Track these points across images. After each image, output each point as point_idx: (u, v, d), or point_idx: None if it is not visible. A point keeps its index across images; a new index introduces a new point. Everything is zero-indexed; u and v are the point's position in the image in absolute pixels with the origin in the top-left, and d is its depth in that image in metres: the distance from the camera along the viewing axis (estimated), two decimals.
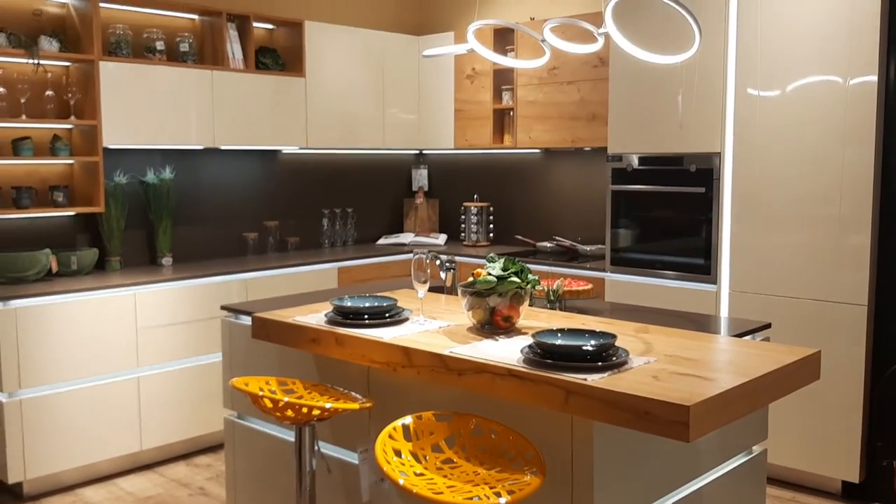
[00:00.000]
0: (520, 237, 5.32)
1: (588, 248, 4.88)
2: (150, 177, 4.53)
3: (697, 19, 2.55)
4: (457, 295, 3.31)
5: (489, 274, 2.55)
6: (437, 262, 3.24)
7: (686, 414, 1.80)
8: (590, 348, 2.14)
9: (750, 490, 2.81)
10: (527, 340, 2.41)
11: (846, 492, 3.68)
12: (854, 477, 3.60)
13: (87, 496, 3.81)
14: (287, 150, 5.18)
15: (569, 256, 4.90)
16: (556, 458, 2.18)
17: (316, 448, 2.55)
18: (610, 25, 2.65)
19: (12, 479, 3.70)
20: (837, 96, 3.57)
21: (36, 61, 3.94)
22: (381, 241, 5.69)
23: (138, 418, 4.05)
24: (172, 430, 4.18)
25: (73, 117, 4.13)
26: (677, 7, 2.50)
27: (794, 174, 3.70)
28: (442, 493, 1.95)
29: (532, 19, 5.08)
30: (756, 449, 2.84)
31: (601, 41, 2.75)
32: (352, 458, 2.80)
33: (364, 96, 5.30)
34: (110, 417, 3.96)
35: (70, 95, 4.12)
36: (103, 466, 4.01)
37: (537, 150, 5.35)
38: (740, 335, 2.72)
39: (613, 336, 2.23)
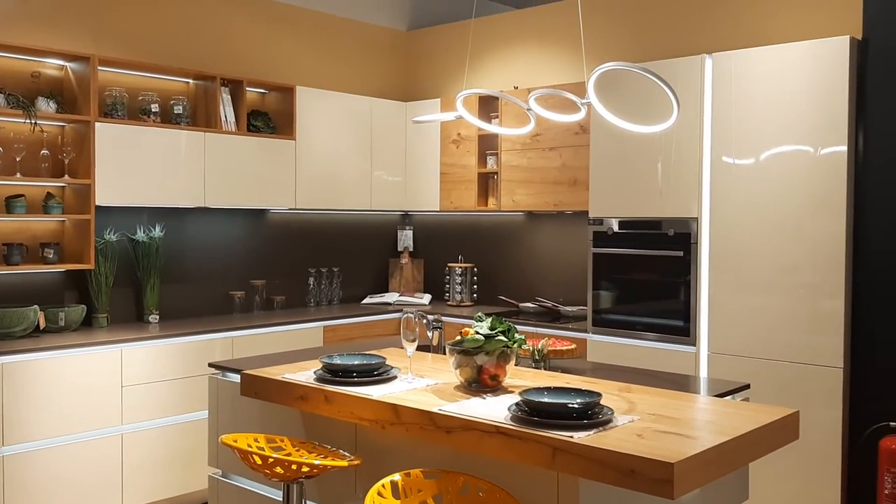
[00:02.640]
0: (503, 297, 5.40)
1: (570, 308, 4.96)
2: (140, 235, 4.59)
3: (675, 91, 2.69)
4: (443, 353, 3.37)
5: (477, 333, 2.62)
6: (424, 321, 3.31)
7: (670, 471, 1.85)
8: (576, 406, 2.20)
9: None
10: (514, 398, 2.46)
11: None
12: None
13: None
14: (275, 209, 5.27)
15: (551, 317, 4.97)
16: None
17: None
18: (592, 97, 2.78)
19: None
20: (809, 165, 3.73)
21: (33, 121, 4.03)
22: (367, 300, 5.75)
23: (121, 476, 4.02)
24: (155, 488, 4.15)
25: (66, 176, 4.20)
26: (657, 80, 2.64)
27: (769, 240, 3.83)
28: None
29: (516, 88, 5.26)
30: None
31: (584, 111, 2.89)
32: None
33: (352, 159, 5.43)
34: (93, 475, 3.93)
35: (65, 154, 4.20)
36: None
37: (521, 213, 5.47)
38: (720, 395, 2.79)
39: (598, 394, 2.30)
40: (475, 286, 5.62)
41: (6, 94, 4.01)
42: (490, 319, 2.67)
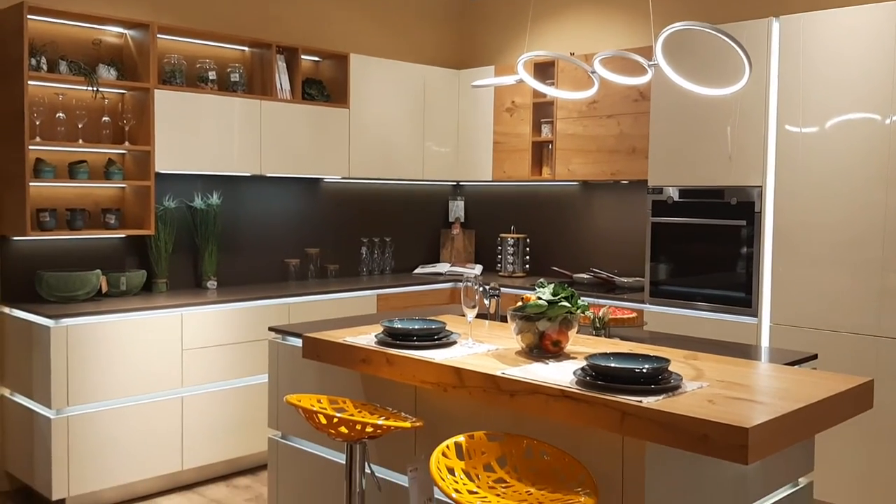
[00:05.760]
0: (556, 268, 5.35)
1: (625, 279, 4.90)
2: (198, 202, 4.64)
3: (747, 51, 2.61)
4: (500, 321, 3.35)
5: (539, 299, 2.59)
6: (482, 289, 3.29)
7: (745, 437, 1.81)
8: (644, 371, 2.16)
9: None
10: (577, 364, 2.44)
11: None
12: None
13: None
14: (329, 178, 5.28)
15: (606, 288, 4.92)
16: (606, 482, 2.19)
17: (367, 467, 2.58)
18: (660, 57, 2.71)
19: (56, 495, 3.75)
20: (878, 135, 3.59)
21: (94, 88, 4.08)
22: (418, 270, 5.75)
23: (180, 438, 4.10)
24: (213, 450, 4.23)
25: (127, 143, 4.25)
26: (727, 39, 2.56)
27: (836, 211, 3.71)
28: None
29: (572, 54, 5.16)
30: (802, 481, 2.83)
31: (651, 73, 2.81)
32: (397, 478, 2.83)
33: (405, 128, 5.41)
34: (153, 437, 4.01)
35: (125, 122, 4.25)
36: (144, 486, 4.06)
37: (575, 183, 5.40)
38: (788, 365, 2.73)
39: (667, 360, 2.25)
40: (527, 257, 5.58)
41: (68, 62, 4.06)
42: (553, 286, 2.64)
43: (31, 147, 3.91)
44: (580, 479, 2.14)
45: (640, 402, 2.02)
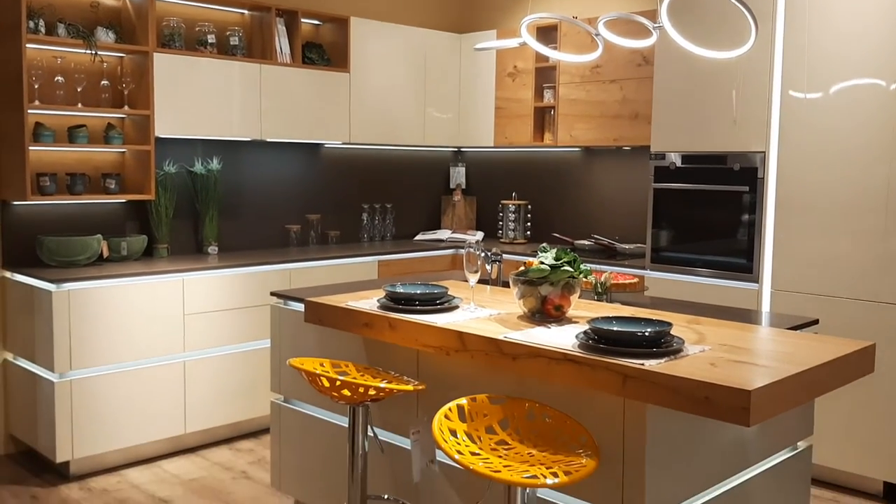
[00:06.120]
0: (557, 235, 5.34)
1: (626, 246, 4.90)
2: (198, 167, 4.62)
3: (753, 12, 2.58)
4: (502, 286, 3.35)
5: (542, 263, 2.59)
6: (484, 255, 3.29)
7: (747, 399, 1.82)
8: (646, 334, 2.17)
9: (795, 486, 2.82)
10: (579, 328, 2.44)
11: (888, 493, 3.67)
12: None
13: (131, 477, 3.88)
14: (330, 144, 5.26)
15: (607, 255, 4.92)
16: (607, 445, 2.21)
17: (369, 429, 2.60)
18: (664, 19, 2.68)
19: (60, 458, 3.78)
20: (882, 100, 3.56)
21: (93, 52, 4.04)
22: (419, 236, 5.74)
23: (183, 402, 4.13)
24: (216, 414, 4.26)
25: (126, 107, 4.22)
26: (734, 0, 2.52)
27: (839, 177, 3.69)
28: (499, 471, 1.99)
29: (575, 17, 5.10)
30: (801, 445, 2.85)
31: (656, 35, 2.78)
32: (400, 441, 2.85)
33: (406, 93, 5.37)
34: (156, 401, 4.04)
35: (124, 85, 4.22)
36: (147, 449, 4.09)
37: (577, 149, 5.37)
38: (790, 330, 2.73)
39: (669, 324, 2.26)
40: (528, 223, 5.57)
41: (66, 24, 4.02)
42: (555, 250, 2.64)
43: (30, 111, 3.89)
44: (581, 441, 2.16)
45: (643, 364, 2.03)
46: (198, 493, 3.70)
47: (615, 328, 2.24)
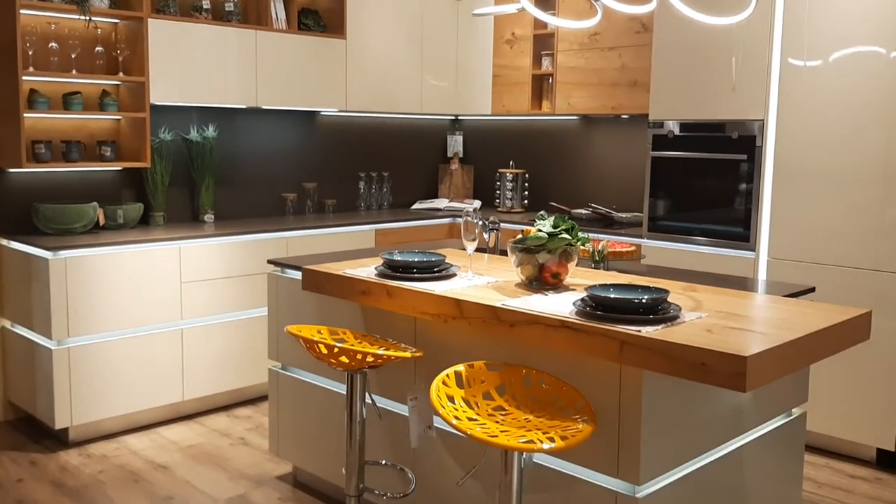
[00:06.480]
0: (554, 204, 5.34)
1: (623, 215, 4.89)
2: (194, 135, 4.60)
3: None
4: (500, 255, 3.36)
5: (540, 231, 2.59)
6: (481, 223, 3.29)
7: (743, 364, 1.83)
8: (643, 301, 2.18)
9: (789, 452, 2.85)
10: (576, 296, 2.45)
11: (881, 459, 3.71)
12: (890, 445, 3.62)
13: (130, 443, 3.91)
14: (326, 112, 5.22)
15: (604, 224, 4.91)
16: (603, 411, 2.23)
17: (367, 396, 2.62)
18: None
19: (59, 424, 3.81)
20: (882, 68, 3.54)
21: (87, 17, 3.99)
22: (416, 205, 5.73)
23: (181, 370, 4.15)
24: (214, 382, 4.28)
25: (121, 73, 4.19)
26: None
27: (838, 146, 3.68)
28: (496, 436, 2.00)
29: None
30: (796, 411, 2.88)
31: (655, 1, 2.76)
32: (398, 408, 2.87)
33: (403, 60, 5.32)
34: (154, 368, 4.05)
35: (119, 52, 4.17)
36: (146, 416, 4.12)
37: (575, 117, 5.35)
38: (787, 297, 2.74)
39: (666, 291, 2.27)
40: (526, 192, 5.56)
41: None
42: (553, 218, 2.64)
43: (24, 78, 3.86)
44: (578, 406, 2.18)
45: (639, 331, 2.04)
46: (196, 459, 3.73)
47: (612, 295, 2.25)
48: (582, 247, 2.65)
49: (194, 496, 3.35)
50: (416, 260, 2.78)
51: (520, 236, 2.65)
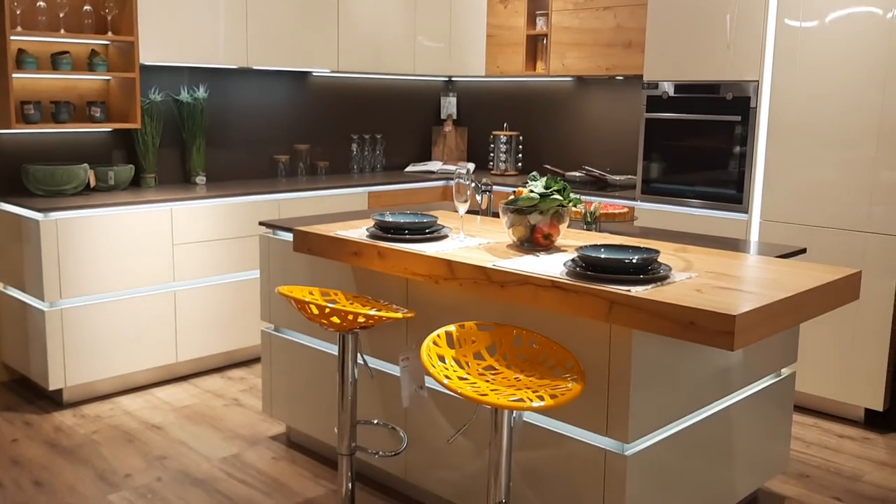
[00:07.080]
0: (548, 166, 5.32)
1: (617, 177, 4.88)
2: (184, 95, 4.55)
3: None
4: (492, 217, 3.35)
5: (532, 192, 2.58)
6: (474, 185, 3.28)
7: (731, 323, 1.84)
8: (633, 261, 2.18)
9: (777, 411, 2.88)
10: (567, 256, 2.45)
11: (869, 419, 3.75)
12: (878, 405, 3.66)
13: (124, 404, 3.93)
14: (318, 72, 5.17)
15: (598, 186, 4.91)
16: (593, 370, 2.24)
17: (359, 357, 2.63)
18: None
19: (52, 385, 3.82)
20: (878, 29, 3.51)
21: None
22: (409, 168, 5.71)
23: (174, 331, 4.15)
24: (207, 343, 4.29)
25: (110, 33, 4.13)
26: None
27: (832, 107, 3.66)
28: (486, 395, 2.02)
29: None
30: (785, 372, 2.90)
31: None
32: (389, 368, 2.89)
33: (395, 20, 5.26)
34: (147, 330, 4.06)
35: (107, 10, 4.11)
36: (140, 377, 4.13)
37: (569, 79, 5.31)
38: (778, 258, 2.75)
39: (656, 251, 2.27)
40: (520, 154, 5.54)
41: None
42: (545, 178, 2.63)
43: (12, 37, 3.80)
44: (567, 365, 2.19)
45: (629, 291, 2.04)
46: (190, 419, 3.75)
47: (603, 255, 2.25)
48: (574, 208, 2.65)
49: (188, 456, 3.38)
50: (407, 221, 2.77)
51: (511, 197, 2.64)
